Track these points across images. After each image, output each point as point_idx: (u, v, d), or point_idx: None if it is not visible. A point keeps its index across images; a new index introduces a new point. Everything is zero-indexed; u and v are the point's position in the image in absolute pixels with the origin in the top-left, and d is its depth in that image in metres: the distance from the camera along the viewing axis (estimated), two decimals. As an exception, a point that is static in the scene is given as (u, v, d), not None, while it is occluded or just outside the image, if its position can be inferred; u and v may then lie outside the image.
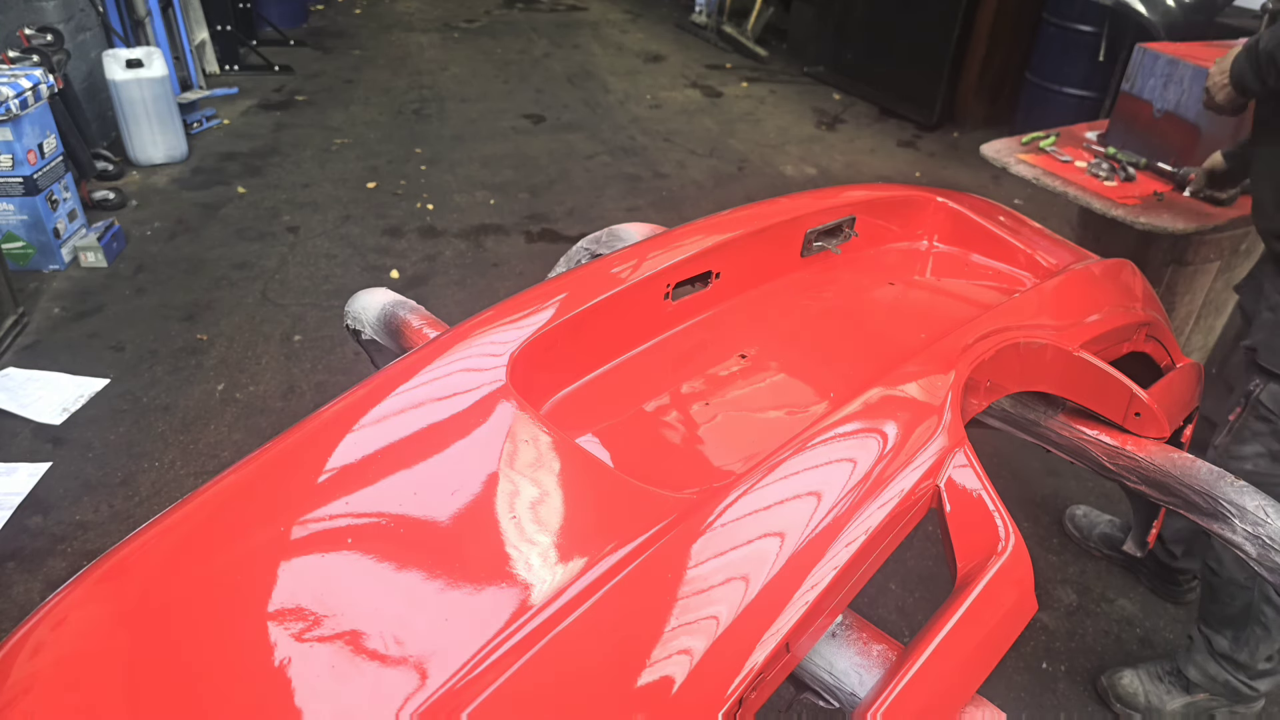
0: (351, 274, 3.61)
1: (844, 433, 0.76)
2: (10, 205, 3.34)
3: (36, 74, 3.37)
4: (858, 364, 0.98)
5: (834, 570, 0.63)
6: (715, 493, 0.68)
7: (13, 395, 2.78)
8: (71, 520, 2.36)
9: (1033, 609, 0.71)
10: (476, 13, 7.59)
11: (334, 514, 0.65)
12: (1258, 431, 1.61)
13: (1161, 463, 0.90)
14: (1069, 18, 4.70)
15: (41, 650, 0.58)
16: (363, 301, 1.04)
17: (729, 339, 1.00)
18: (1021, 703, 2.01)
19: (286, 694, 0.53)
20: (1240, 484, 0.86)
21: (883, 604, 2.24)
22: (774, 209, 1.10)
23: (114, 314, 3.26)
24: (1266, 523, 0.83)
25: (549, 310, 0.87)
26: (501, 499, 0.67)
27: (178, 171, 4.37)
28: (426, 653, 0.55)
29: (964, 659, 0.64)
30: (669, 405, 0.90)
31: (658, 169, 4.77)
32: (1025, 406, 1.00)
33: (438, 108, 5.42)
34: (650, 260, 0.96)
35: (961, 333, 0.92)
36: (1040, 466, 2.75)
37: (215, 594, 0.60)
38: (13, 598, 2.13)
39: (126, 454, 2.60)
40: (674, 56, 6.73)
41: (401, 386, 0.77)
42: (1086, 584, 2.35)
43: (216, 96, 5.15)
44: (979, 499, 0.74)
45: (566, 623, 0.57)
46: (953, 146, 5.32)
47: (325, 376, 3.00)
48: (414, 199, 4.26)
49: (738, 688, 0.55)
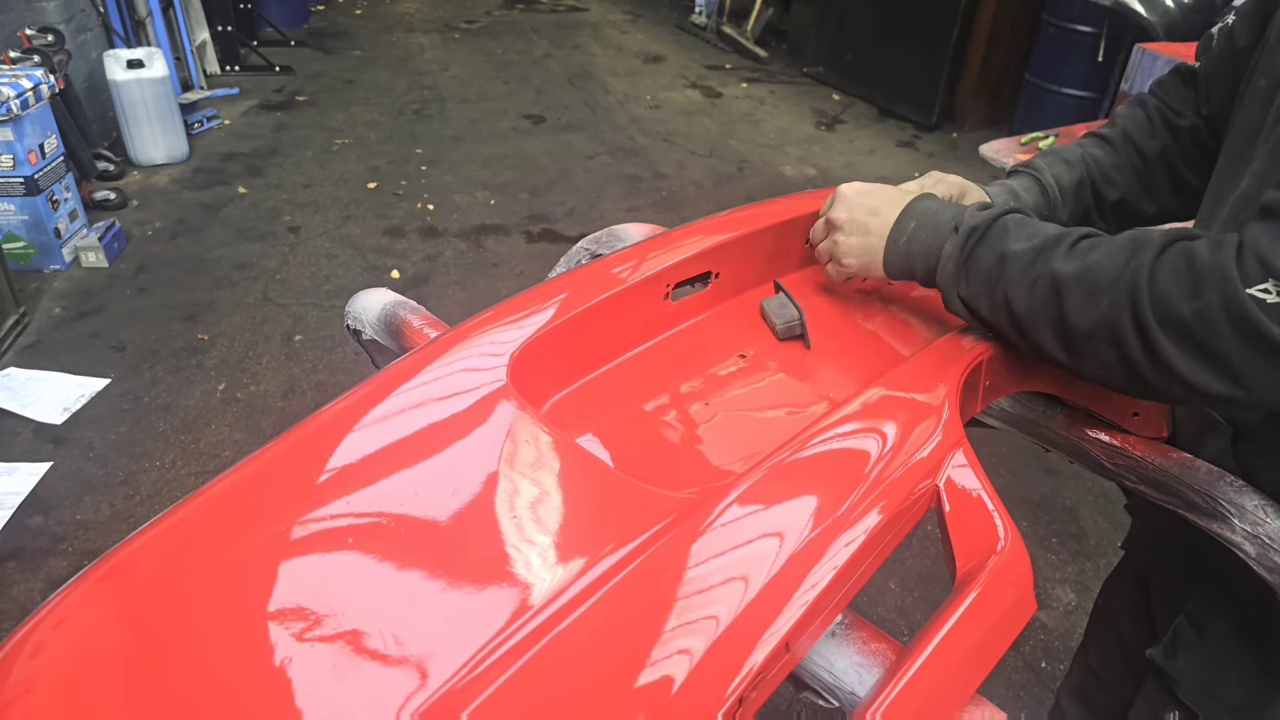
0: (352, 274, 3.61)
1: (843, 433, 0.76)
2: (11, 205, 3.34)
3: (37, 74, 3.37)
4: (857, 364, 0.98)
5: (833, 570, 0.63)
6: (715, 493, 0.68)
7: (14, 395, 2.78)
8: (72, 520, 2.37)
9: (1032, 609, 0.71)
10: (477, 13, 7.59)
11: (334, 514, 0.65)
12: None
13: (1161, 462, 0.90)
14: (1068, 18, 4.70)
15: (42, 650, 0.58)
16: (363, 301, 1.04)
17: (729, 339, 1.00)
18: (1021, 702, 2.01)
19: (286, 694, 0.53)
20: (1239, 483, 0.86)
21: (882, 603, 2.24)
22: (774, 209, 1.10)
23: (115, 314, 3.26)
24: (1266, 522, 0.83)
25: (549, 310, 0.87)
26: (502, 499, 0.67)
27: (178, 172, 4.37)
28: (426, 653, 0.55)
29: (963, 658, 0.64)
30: (669, 405, 0.90)
31: (658, 169, 4.77)
32: (1025, 406, 1.00)
33: (438, 108, 5.42)
34: (650, 260, 0.96)
35: (961, 332, 0.92)
36: (1040, 466, 2.75)
37: (216, 594, 0.60)
38: (13, 597, 2.13)
39: (127, 454, 2.60)
40: (674, 57, 6.73)
41: (402, 386, 0.77)
42: (1085, 583, 2.36)
43: (217, 97, 5.15)
44: (978, 499, 0.74)
45: (566, 622, 0.57)
46: (952, 147, 5.33)
47: (326, 376, 3.00)
48: (414, 199, 4.26)
49: (738, 687, 0.55)
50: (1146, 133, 1.11)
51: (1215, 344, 0.70)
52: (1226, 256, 0.69)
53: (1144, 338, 0.73)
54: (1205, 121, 1.08)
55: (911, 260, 0.93)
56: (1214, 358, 0.71)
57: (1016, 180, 1.11)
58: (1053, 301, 0.79)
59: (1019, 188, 1.10)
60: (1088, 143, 1.14)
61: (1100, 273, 0.76)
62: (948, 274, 0.89)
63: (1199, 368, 0.72)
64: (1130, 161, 1.11)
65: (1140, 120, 1.12)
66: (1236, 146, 0.92)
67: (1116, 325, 0.75)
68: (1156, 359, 0.73)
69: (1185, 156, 1.09)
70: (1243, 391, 0.71)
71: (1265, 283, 0.67)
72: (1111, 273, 0.75)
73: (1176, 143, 1.10)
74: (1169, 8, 4.18)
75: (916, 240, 0.92)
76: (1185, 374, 0.72)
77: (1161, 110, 1.11)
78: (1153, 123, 1.11)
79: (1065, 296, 0.78)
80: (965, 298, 0.88)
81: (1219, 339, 0.70)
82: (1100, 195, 1.11)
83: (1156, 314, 0.72)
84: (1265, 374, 0.70)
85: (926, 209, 0.93)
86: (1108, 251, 0.77)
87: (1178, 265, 0.72)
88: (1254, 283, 0.68)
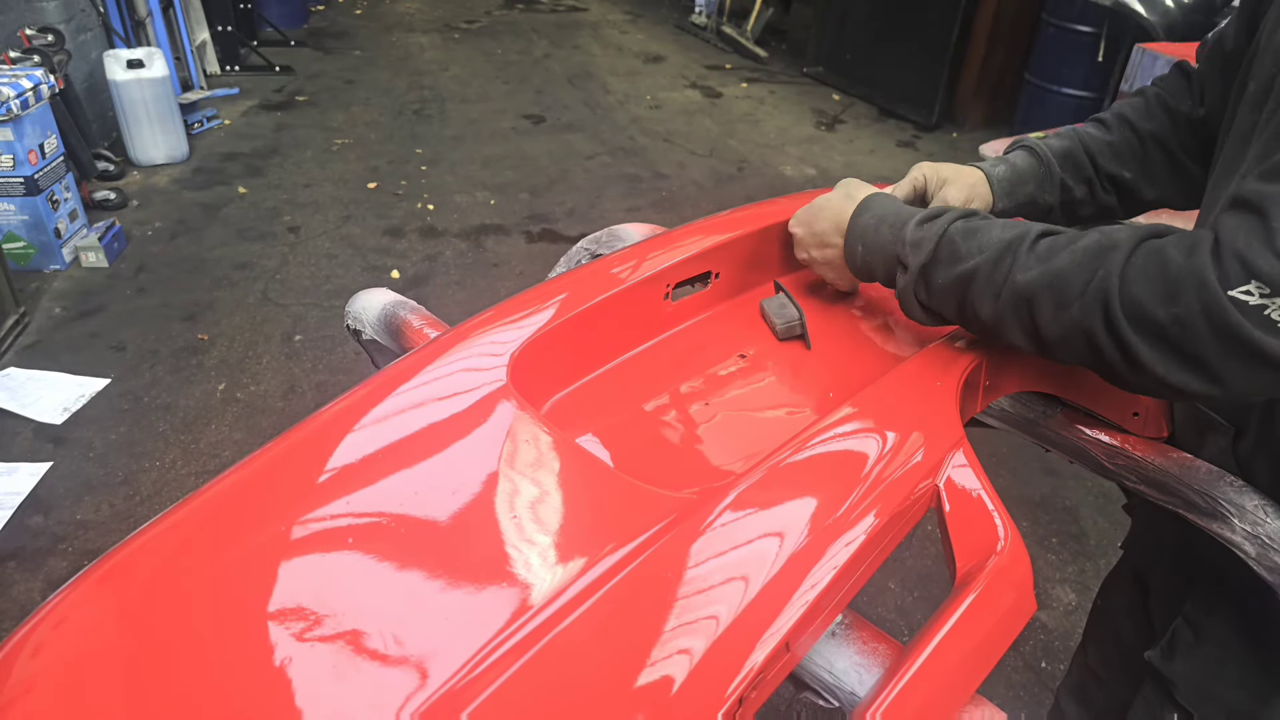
0: (352, 274, 3.61)
1: (843, 433, 0.76)
2: (11, 205, 3.34)
3: (37, 74, 3.37)
4: (857, 364, 0.98)
5: (834, 570, 0.63)
6: (715, 492, 0.68)
7: (14, 395, 2.78)
8: (72, 520, 2.37)
9: (1032, 608, 0.71)
10: (477, 13, 7.59)
11: (334, 514, 0.65)
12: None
13: (1161, 462, 0.90)
14: (1068, 18, 4.70)
15: (42, 650, 0.58)
16: (363, 301, 1.04)
17: (729, 339, 1.00)
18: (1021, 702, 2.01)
19: (286, 694, 0.53)
20: (1239, 483, 0.86)
21: (882, 603, 2.24)
22: (774, 209, 1.10)
23: (115, 314, 3.26)
24: (1265, 522, 0.83)
25: (549, 310, 0.87)
26: (502, 499, 0.67)
27: (178, 172, 4.37)
28: (426, 653, 0.55)
29: (963, 658, 0.64)
30: (669, 405, 0.90)
31: (658, 169, 4.77)
32: (1024, 406, 1.00)
33: (438, 108, 5.42)
34: (650, 260, 0.96)
35: (961, 331, 0.92)
36: (1040, 466, 2.75)
37: (216, 593, 0.60)
38: (13, 597, 2.13)
39: (127, 453, 2.60)
40: (674, 57, 6.73)
41: (402, 386, 0.77)
42: (1085, 583, 2.36)
43: (217, 97, 5.15)
44: (978, 499, 0.74)
45: (566, 622, 0.57)
46: (952, 147, 5.33)
47: (326, 376, 3.00)
48: (414, 199, 4.26)
49: (738, 687, 0.55)
50: (1143, 114, 1.10)
51: (1194, 348, 0.68)
52: (1202, 259, 0.67)
53: (1118, 342, 0.71)
54: (1202, 122, 1.07)
55: (874, 276, 0.93)
56: (1192, 360, 0.69)
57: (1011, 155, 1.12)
58: (1022, 309, 0.77)
59: (1009, 155, 1.11)
60: (1082, 125, 1.14)
61: (1068, 279, 0.74)
62: (909, 306, 0.88)
63: (1176, 369, 0.70)
64: (1125, 139, 1.10)
65: (1137, 104, 1.12)
66: (1230, 152, 0.91)
67: (1089, 331, 0.73)
68: (1132, 361, 0.72)
69: (1183, 144, 1.08)
70: (1220, 389, 0.70)
71: (1247, 284, 0.64)
72: (1080, 278, 0.73)
73: (1174, 127, 1.09)
74: (1169, 8, 4.18)
75: (870, 265, 0.92)
76: (1162, 374, 0.70)
77: (1160, 96, 1.11)
78: (1150, 106, 1.11)
79: (1034, 305, 0.76)
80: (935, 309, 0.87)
81: (1198, 343, 0.67)
82: (1098, 166, 1.10)
83: (1130, 319, 0.70)
84: (1244, 374, 0.68)
85: (866, 228, 0.92)
86: (1072, 255, 0.74)
87: (1149, 269, 0.70)
88: (1235, 285, 0.65)
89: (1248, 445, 0.92)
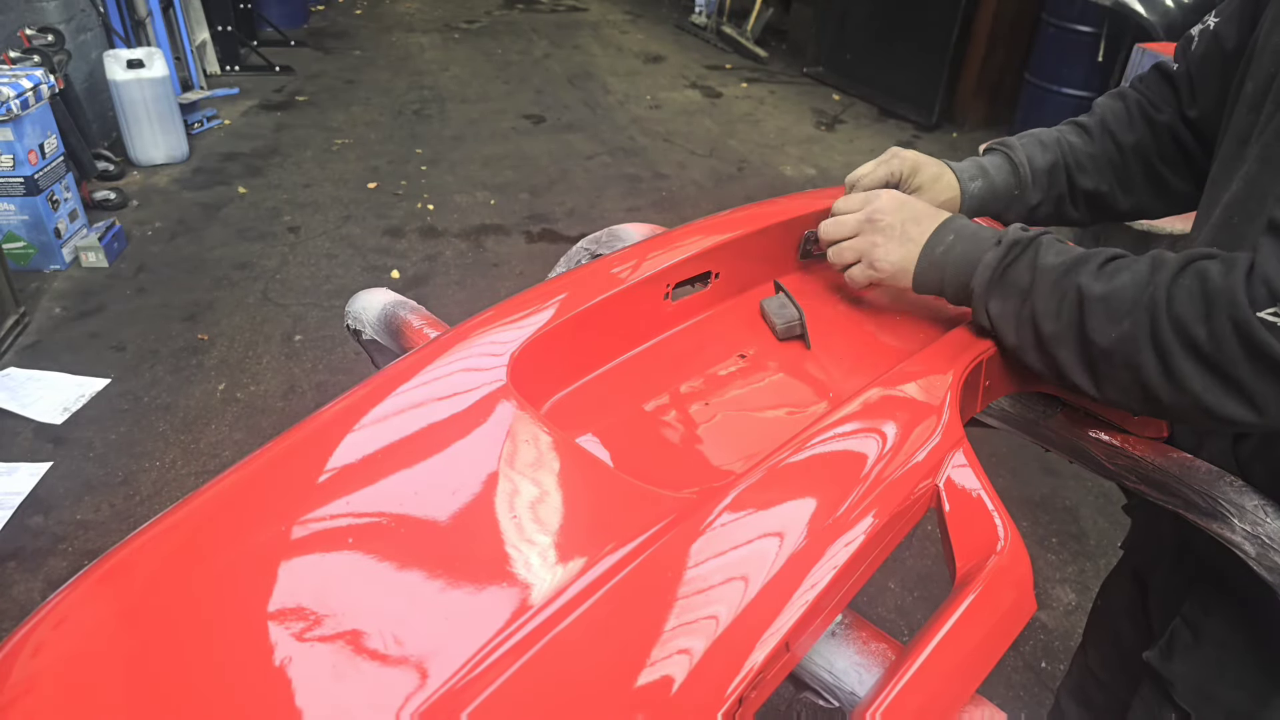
0: (352, 274, 3.61)
1: (843, 433, 0.76)
2: (11, 205, 3.34)
3: (37, 74, 3.37)
4: (857, 363, 0.98)
5: (833, 570, 0.63)
6: (715, 492, 0.68)
7: (14, 395, 2.78)
8: (72, 520, 2.37)
9: (1032, 608, 0.71)
10: (477, 13, 7.60)
11: (334, 514, 0.65)
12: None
13: (1160, 462, 0.90)
14: (1068, 18, 4.70)
15: (41, 650, 0.58)
16: (363, 301, 1.04)
17: (729, 339, 1.00)
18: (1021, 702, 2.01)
19: (287, 694, 0.53)
20: (1239, 483, 0.86)
21: (882, 603, 2.24)
22: (774, 209, 1.10)
23: (115, 314, 3.26)
24: (1265, 522, 0.83)
25: (549, 310, 0.87)
26: (502, 499, 0.67)
27: (178, 172, 4.37)
28: (426, 653, 0.55)
29: (963, 658, 0.64)
30: (669, 405, 0.90)
31: (658, 169, 4.77)
32: (1024, 406, 1.00)
33: (438, 108, 5.42)
34: (650, 260, 0.96)
35: (960, 331, 0.92)
36: (1040, 466, 2.75)
37: (216, 593, 0.60)
38: (13, 597, 2.13)
39: (127, 453, 2.60)
40: (674, 57, 6.73)
41: (402, 386, 0.77)
42: (1085, 583, 2.36)
43: (217, 97, 5.15)
44: (978, 499, 0.74)
45: (566, 622, 0.57)
46: (952, 147, 5.33)
47: (326, 376, 3.00)
48: (414, 199, 4.27)
49: (738, 687, 0.55)
50: (1125, 125, 1.10)
51: (1228, 368, 0.70)
52: (1236, 279, 0.69)
53: (1163, 359, 0.73)
54: (1189, 123, 1.07)
55: (944, 271, 0.91)
56: (1228, 381, 0.71)
57: (989, 158, 1.11)
58: (1077, 316, 0.79)
59: (990, 165, 1.10)
60: (1065, 129, 1.13)
61: (1123, 294, 0.76)
62: (982, 283, 0.87)
63: (1214, 390, 0.71)
64: (1106, 151, 1.10)
65: (1119, 112, 1.12)
66: (1228, 151, 0.91)
67: (1136, 346, 0.75)
68: (1174, 380, 0.73)
69: (1162, 153, 1.09)
70: (1257, 415, 0.71)
71: (1274, 307, 0.67)
72: (1133, 294, 0.75)
73: (1154, 138, 1.09)
74: (1169, 8, 4.18)
75: (954, 251, 0.91)
76: (1200, 394, 0.72)
77: (1141, 104, 1.11)
78: (1131, 115, 1.10)
79: (1089, 314, 0.78)
80: (994, 314, 0.87)
81: (1231, 363, 0.69)
82: (1074, 183, 1.10)
83: (1176, 336, 0.72)
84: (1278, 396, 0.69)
85: (966, 225, 0.93)
86: (1132, 274, 0.77)
87: (1193, 287, 0.72)
88: (1262, 306, 0.67)
89: (1247, 447, 0.92)
